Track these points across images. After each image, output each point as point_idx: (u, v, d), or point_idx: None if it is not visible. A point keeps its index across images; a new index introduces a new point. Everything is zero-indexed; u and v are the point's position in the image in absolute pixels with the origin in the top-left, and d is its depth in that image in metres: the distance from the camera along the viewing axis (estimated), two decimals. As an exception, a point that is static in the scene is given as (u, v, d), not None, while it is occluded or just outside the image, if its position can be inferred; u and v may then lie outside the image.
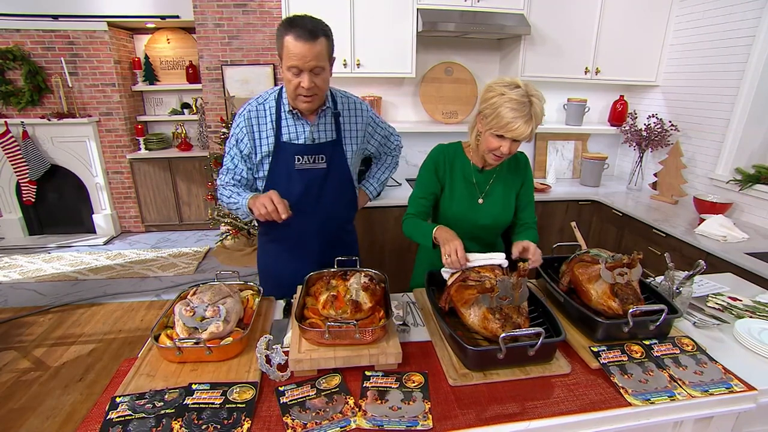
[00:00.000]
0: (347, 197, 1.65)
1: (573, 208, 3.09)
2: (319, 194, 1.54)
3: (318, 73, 1.33)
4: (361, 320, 1.14)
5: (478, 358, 1.09)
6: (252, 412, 0.97)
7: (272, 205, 1.31)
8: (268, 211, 1.31)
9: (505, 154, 1.36)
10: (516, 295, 1.14)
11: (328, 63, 1.36)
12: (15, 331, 3.01)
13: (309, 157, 1.49)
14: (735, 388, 1.04)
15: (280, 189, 1.45)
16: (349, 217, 1.74)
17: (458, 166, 1.52)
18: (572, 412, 0.98)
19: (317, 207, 1.55)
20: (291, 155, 1.48)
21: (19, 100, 4.32)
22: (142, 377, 1.09)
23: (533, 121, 1.29)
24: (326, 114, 1.50)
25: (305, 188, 1.51)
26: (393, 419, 0.95)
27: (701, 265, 1.33)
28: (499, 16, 2.84)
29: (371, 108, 1.66)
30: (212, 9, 4.12)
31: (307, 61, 1.28)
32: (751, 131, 2.59)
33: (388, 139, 1.75)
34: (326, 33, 1.32)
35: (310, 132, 1.48)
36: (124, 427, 0.91)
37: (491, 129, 1.34)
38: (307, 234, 1.59)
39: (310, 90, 1.34)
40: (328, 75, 1.39)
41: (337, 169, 1.55)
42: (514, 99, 1.28)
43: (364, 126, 1.61)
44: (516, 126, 1.28)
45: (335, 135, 1.53)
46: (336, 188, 1.57)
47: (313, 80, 1.33)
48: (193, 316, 1.17)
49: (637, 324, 1.16)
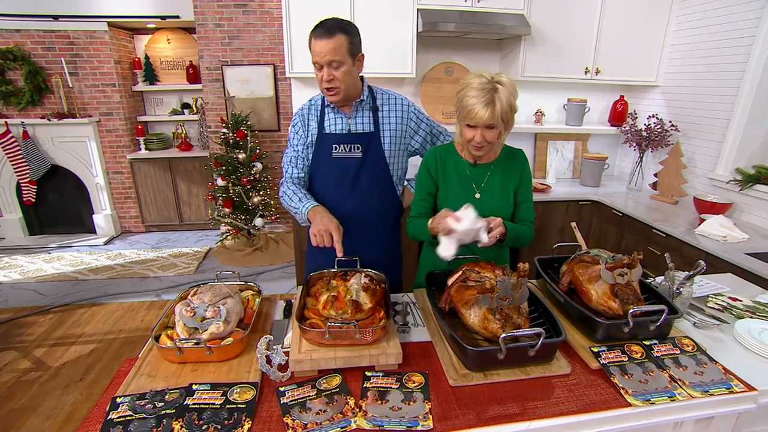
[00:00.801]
0: (384, 190, 1.67)
1: (573, 208, 3.09)
2: (353, 182, 1.61)
3: (336, 67, 1.42)
4: (362, 320, 1.15)
5: (479, 358, 1.09)
6: (252, 412, 0.97)
7: (330, 242, 1.40)
8: (325, 244, 1.40)
9: (480, 143, 1.39)
10: (516, 296, 1.14)
11: (348, 57, 1.43)
12: (15, 331, 3.01)
13: (345, 146, 1.58)
14: (735, 389, 1.04)
15: (318, 177, 1.64)
16: (390, 212, 1.74)
17: (451, 164, 1.55)
18: (572, 413, 0.98)
19: (352, 194, 1.62)
20: (329, 144, 1.59)
21: (20, 100, 4.32)
22: (142, 377, 1.09)
23: (496, 106, 1.31)
24: (364, 108, 1.60)
25: (340, 175, 1.60)
26: (393, 419, 0.95)
27: (701, 266, 1.33)
28: (499, 17, 2.84)
29: (415, 106, 1.69)
30: (212, 9, 4.12)
31: (323, 56, 1.40)
32: (751, 131, 2.59)
33: (436, 137, 1.75)
34: (345, 30, 1.41)
35: (347, 123, 1.59)
36: (125, 427, 0.92)
37: (461, 120, 1.39)
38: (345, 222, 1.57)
39: (330, 83, 1.45)
40: (350, 69, 1.46)
41: (372, 160, 1.61)
42: (475, 87, 1.32)
43: (405, 121, 1.64)
44: (476, 111, 1.31)
45: (373, 128, 1.60)
46: (371, 178, 1.62)
47: (332, 73, 1.43)
48: (194, 316, 1.17)
49: (638, 324, 1.16)
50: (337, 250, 1.38)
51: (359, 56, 1.48)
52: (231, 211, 4.11)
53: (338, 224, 1.43)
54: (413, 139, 1.69)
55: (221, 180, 4.04)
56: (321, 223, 1.41)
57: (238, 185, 4.04)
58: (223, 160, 4.01)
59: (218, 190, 4.11)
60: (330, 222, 1.42)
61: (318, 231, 1.40)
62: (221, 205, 4.13)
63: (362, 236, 1.64)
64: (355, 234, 1.61)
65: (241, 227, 4.25)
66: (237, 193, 4.08)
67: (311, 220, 1.47)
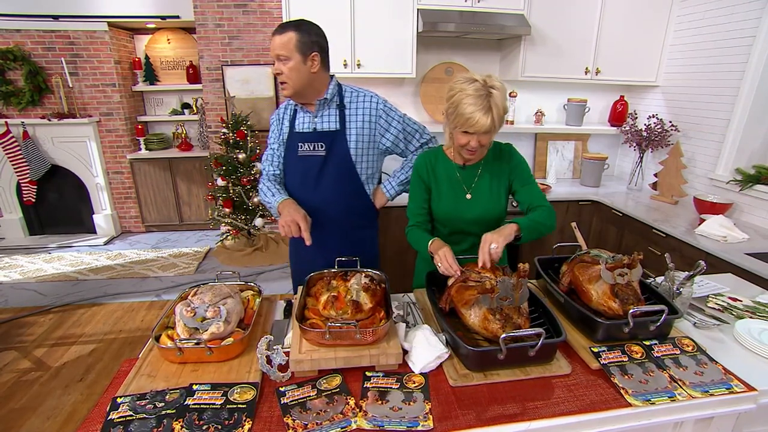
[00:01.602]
0: (349, 188, 1.67)
1: (573, 208, 3.09)
2: (317, 180, 1.63)
3: (283, 61, 1.49)
4: (362, 321, 1.15)
5: (479, 358, 1.09)
6: (253, 412, 0.97)
7: (297, 231, 1.47)
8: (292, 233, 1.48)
9: (475, 147, 1.38)
10: (516, 296, 1.15)
11: (296, 54, 1.48)
12: (15, 331, 3.01)
13: (310, 145, 1.62)
14: (735, 389, 1.05)
15: (287, 173, 1.69)
16: (359, 210, 1.73)
17: (441, 168, 1.56)
18: (573, 413, 0.98)
19: (316, 191, 1.64)
20: (296, 142, 1.64)
21: (20, 100, 4.32)
22: (143, 378, 1.09)
23: (493, 111, 1.30)
24: (329, 105, 1.62)
25: (304, 173, 1.64)
26: (393, 420, 0.95)
27: (701, 266, 1.33)
28: (499, 17, 2.84)
29: (389, 104, 1.68)
30: (212, 9, 4.12)
31: (273, 50, 1.49)
32: (751, 131, 2.59)
33: (411, 135, 1.73)
34: (297, 28, 1.48)
35: (313, 121, 1.62)
36: (125, 427, 0.92)
37: (456, 126, 1.37)
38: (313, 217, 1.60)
39: (278, 75, 1.52)
40: (299, 65, 1.50)
41: (336, 157, 1.62)
42: (471, 94, 1.30)
43: (374, 119, 1.64)
44: (476, 120, 1.30)
45: (338, 126, 1.62)
46: (334, 175, 1.63)
47: (279, 67, 1.50)
48: (194, 316, 1.17)
49: (638, 324, 1.16)
50: (305, 238, 1.46)
51: (312, 55, 1.50)
52: (231, 211, 4.11)
53: (305, 215, 1.51)
54: (384, 137, 1.67)
55: (221, 180, 4.04)
56: (288, 214, 1.49)
57: (238, 185, 4.04)
58: (224, 160, 4.01)
59: (218, 190, 4.11)
60: (297, 212, 1.50)
61: (285, 222, 1.48)
62: (221, 205, 4.13)
63: (331, 232, 1.69)
64: (326, 229, 1.67)
65: (241, 227, 4.25)
66: (237, 193, 4.08)
67: (281, 212, 1.54)
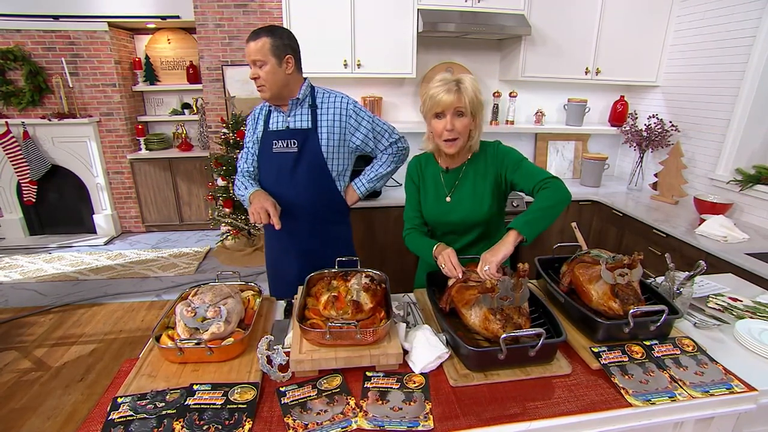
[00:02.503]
0: (322, 182, 1.74)
1: (573, 208, 3.09)
2: (291, 174, 1.71)
3: (259, 65, 1.57)
4: (362, 321, 1.15)
5: (479, 358, 1.09)
6: (253, 412, 0.97)
7: (267, 218, 1.55)
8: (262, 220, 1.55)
9: (450, 130, 1.39)
10: (517, 297, 1.15)
11: (271, 57, 1.57)
12: (16, 331, 3.01)
13: (283, 142, 1.70)
14: (735, 389, 1.04)
15: (262, 170, 1.77)
16: (331, 206, 1.80)
17: (429, 171, 1.59)
18: (573, 413, 0.98)
19: (291, 184, 1.71)
20: (271, 140, 1.72)
21: (20, 100, 4.32)
22: (143, 378, 1.09)
23: (460, 93, 1.35)
24: (302, 105, 1.71)
25: (278, 169, 1.72)
26: (394, 420, 0.95)
27: (702, 266, 1.33)
28: (499, 17, 2.84)
29: (359, 105, 1.76)
30: (213, 9, 4.12)
31: (249, 55, 1.57)
32: (751, 131, 2.59)
33: (380, 135, 1.79)
34: (271, 33, 1.56)
35: (285, 120, 1.71)
36: (126, 427, 0.92)
37: (428, 113, 1.42)
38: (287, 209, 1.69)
39: (254, 79, 1.61)
40: (275, 68, 1.59)
41: (308, 154, 1.70)
42: (439, 81, 1.39)
43: (345, 118, 1.72)
44: (440, 97, 1.36)
45: (310, 124, 1.70)
46: (307, 171, 1.71)
47: (256, 72, 1.59)
48: (194, 316, 1.17)
49: (638, 324, 1.16)
50: (275, 223, 1.54)
51: (286, 58, 1.60)
52: (231, 211, 4.11)
53: (274, 202, 1.58)
54: (354, 135, 1.74)
55: (221, 180, 4.04)
56: (258, 202, 1.56)
57: (239, 185, 4.04)
58: (224, 160, 4.01)
59: (218, 190, 4.11)
60: (266, 200, 1.57)
61: (255, 209, 1.55)
62: (221, 205, 4.13)
63: (305, 224, 1.77)
64: (298, 221, 1.75)
65: (242, 227, 4.25)
66: (237, 193, 4.08)
67: (251, 202, 1.61)
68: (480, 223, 1.54)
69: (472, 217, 1.53)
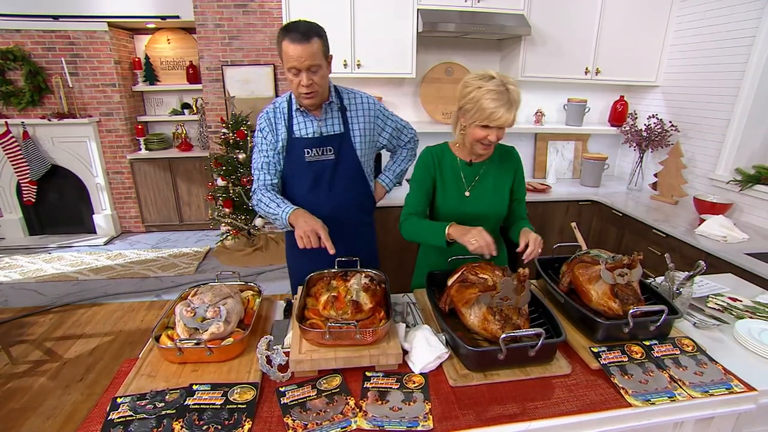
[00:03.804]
0: (359, 188, 1.71)
1: (573, 208, 3.09)
2: (330, 184, 1.63)
3: (315, 71, 1.44)
4: (362, 321, 1.15)
5: (479, 358, 1.09)
6: (253, 412, 0.97)
7: (317, 242, 1.37)
8: (312, 244, 1.37)
9: (494, 141, 1.42)
10: (518, 298, 1.14)
11: (324, 61, 1.46)
12: (16, 331, 3.01)
13: (318, 150, 1.59)
14: (735, 389, 1.05)
15: (293, 182, 1.64)
16: (365, 208, 1.78)
17: (446, 163, 1.58)
18: (573, 413, 0.98)
19: (329, 195, 1.64)
20: (301, 149, 1.59)
21: (20, 100, 4.32)
22: (143, 378, 1.09)
23: (514, 108, 1.35)
24: (332, 109, 1.61)
25: (315, 179, 1.62)
26: (393, 420, 0.95)
27: (701, 266, 1.33)
28: (499, 17, 2.84)
29: (380, 102, 1.72)
30: (212, 9, 4.12)
31: (302, 61, 1.40)
32: (751, 131, 2.59)
33: (400, 132, 1.80)
34: (319, 33, 1.43)
35: (318, 126, 1.59)
36: (125, 427, 0.92)
37: (476, 121, 1.39)
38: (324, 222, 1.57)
39: (309, 87, 1.45)
40: (326, 72, 1.49)
41: (346, 161, 1.63)
42: (492, 90, 1.33)
43: (373, 119, 1.68)
44: (499, 114, 1.33)
45: (342, 128, 1.62)
46: (346, 178, 1.65)
47: (311, 78, 1.44)
48: (194, 316, 1.17)
49: (638, 324, 1.16)
50: (328, 247, 1.36)
51: (330, 57, 1.50)
52: (231, 211, 4.11)
53: (323, 223, 1.42)
54: (381, 135, 1.74)
55: (221, 180, 4.05)
56: (306, 224, 1.39)
57: (239, 185, 4.04)
58: (224, 160, 4.01)
59: (218, 190, 4.11)
60: (314, 222, 1.41)
61: (304, 232, 1.38)
62: (221, 205, 4.13)
63: (340, 234, 1.63)
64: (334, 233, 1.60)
65: (241, 227, 4.25)
66: (237, 194, 4.08)
67: (293, 224, 1.45)
68: (497, 217, 1.59)
69: (491, 212, 1.56)
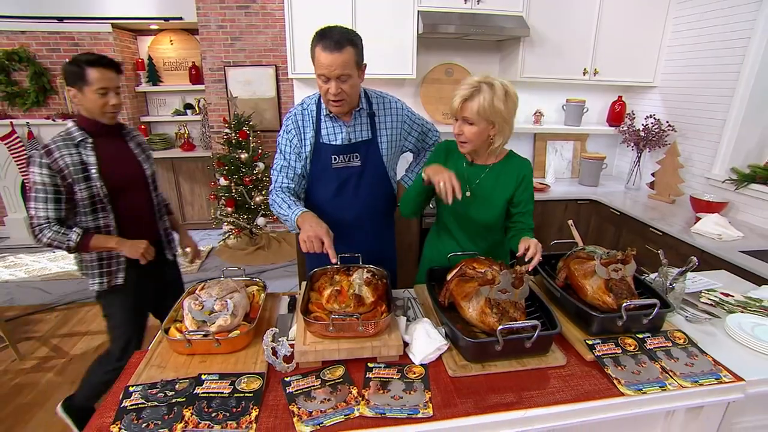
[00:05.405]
0: (384, 193, 1.71)
1: (572, 207, 3.13)
2: (355, 191, 1.62)
3: (344, 80, 1.41)
4: (364, 314, 1.18)
5: (477, 349, 1.13)
6: (260, 400, 1.01)
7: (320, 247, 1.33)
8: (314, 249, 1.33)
9: (458, 135, 1.44)
10: (516, 292, 1.18)
11: (355, 70, 1.43)
12: (22, 328, 3.06)
13: (345, 156, 1.58)
14: (724, 379, 1.08)
15: (319, 186, 1.62)
16: (387, 211, 1.78)
17: (454, 158, 1.60)
18: (567, 402, 1.02)
19: (354, 202, 1.63)
20: (328, 155, 1.57)
21: (25, 101, 4.37)
22: (153, 368, 1.13)
23: (472, 100, 1.35)
24: (361, 114, 1.59)
25: (341, 186, 1.60)
26: (395, 408, 0.99)
27: (693, 262, 1.37)
28: (498, 18, 2.88)
29: (407, 107, 1.71)
30: (215, 10, 4.16)
31: (332, 70, 1.37)
32: (746, 132, 2.63)
33: (426, 135, 1.79)
34: (353, 42, 1.40)
35: (347, 132, 1.57)
36: (138, 414, 0.96)
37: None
38: (347, 228, 1.60)
39: (337, 96, 1.43)
40: (357, 81, 1.46)
41: (371, 167, 1.62)
42: (465, 82, 1.38)
43: (400, 124, 1.66)
44: (453, 103, 1.38)
45: (370, 134, 1.61)
46: (371, 185, 1.64)
47: (339, 86, 1.41)
48: (202, 309, 1.21)
49: (631, 318, 1.20)
50: (330, 255, 1.32)
51: (363, 66, 1.48)
52: (233, 210, 4.15)
53: (327, 229, 1.37)
54: (407, 140, 1.73)
55: (224, 180, 4.08)
56: (310, 229, 1.35)
57: (241, 185, 4.09)
58: (226, 160, 4.05)
59: (221, 189, 4.14)
60: (319, 228, 1.36)
61: (308, 237, 1.34)
62: (224, 204, 4.16)
63: (362, 239, 1.63)
64: (355, 238, 1.60)
65: (244, 226, 4.29)
66: (239, 193, 4.12)
67: (300, 227, 1.42)
68: (490, 224, 1.59)
69: (486, 218, 1.57)
